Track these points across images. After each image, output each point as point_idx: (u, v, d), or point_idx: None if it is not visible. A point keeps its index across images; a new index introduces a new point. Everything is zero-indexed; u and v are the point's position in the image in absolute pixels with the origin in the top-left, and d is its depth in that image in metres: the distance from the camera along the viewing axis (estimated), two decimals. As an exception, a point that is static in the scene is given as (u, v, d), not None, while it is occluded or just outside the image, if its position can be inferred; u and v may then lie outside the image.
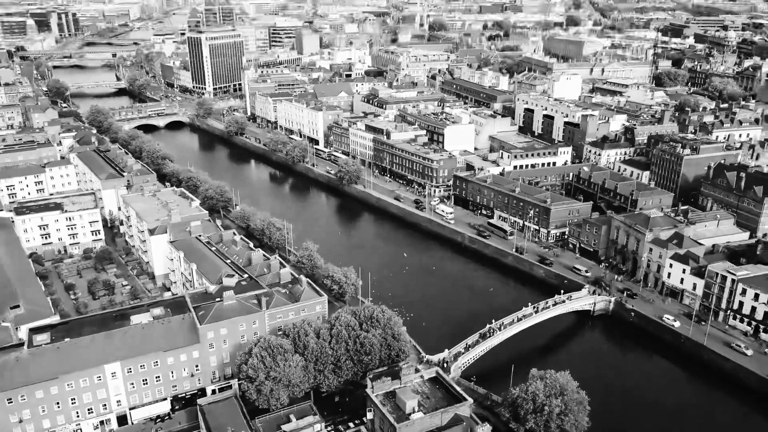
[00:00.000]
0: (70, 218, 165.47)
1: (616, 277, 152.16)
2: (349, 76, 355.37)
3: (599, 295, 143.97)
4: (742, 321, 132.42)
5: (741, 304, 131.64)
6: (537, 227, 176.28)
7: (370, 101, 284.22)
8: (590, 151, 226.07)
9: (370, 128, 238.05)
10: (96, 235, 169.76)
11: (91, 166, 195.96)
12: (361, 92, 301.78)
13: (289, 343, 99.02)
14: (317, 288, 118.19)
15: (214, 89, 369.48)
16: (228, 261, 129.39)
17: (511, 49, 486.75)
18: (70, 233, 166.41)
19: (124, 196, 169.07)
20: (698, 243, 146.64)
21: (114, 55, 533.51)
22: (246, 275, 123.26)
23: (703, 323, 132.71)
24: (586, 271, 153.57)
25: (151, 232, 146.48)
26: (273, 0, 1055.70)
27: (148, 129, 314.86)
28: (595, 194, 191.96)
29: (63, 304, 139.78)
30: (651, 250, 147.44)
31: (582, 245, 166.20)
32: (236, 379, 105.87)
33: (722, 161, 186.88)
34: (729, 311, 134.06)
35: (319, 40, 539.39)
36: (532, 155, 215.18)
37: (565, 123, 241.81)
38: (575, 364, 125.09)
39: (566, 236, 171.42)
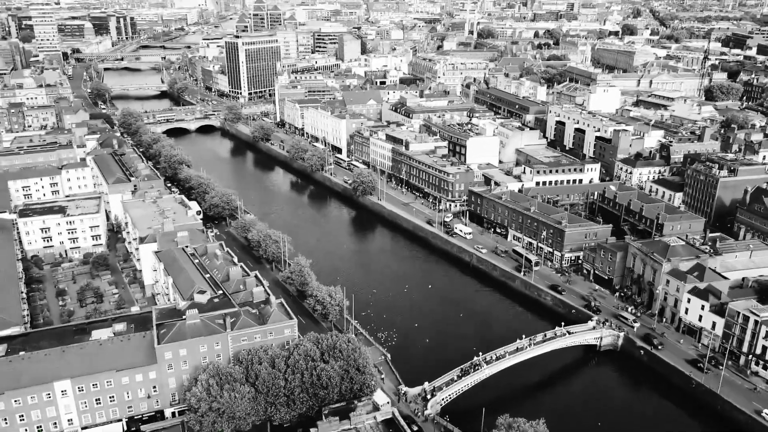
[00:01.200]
0: (71, 222, 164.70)
1: (635, 311, 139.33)
2: (383, 83, 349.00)
3: (607, 327, 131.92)
4: (765, 368, 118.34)
5: (765, 349, 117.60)
6: (551, 249, 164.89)
7: (398, 110, 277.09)
8: (621, 169, 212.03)
9: (390, 138, 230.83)
10: (97, 240, 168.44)
11: (103, 170, 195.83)
12: (391, 100, 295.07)
13: (241, 371, 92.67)
14: (288, 310, 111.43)
15: (250, 94, 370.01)
16: (207, 275, 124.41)
17: (557, 58, 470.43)
18: (70, 237, 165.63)
19: (125, 201, 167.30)
20: (722, 276, 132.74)
21: (163, 58, 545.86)
22: (221, 292, 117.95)
23: (720, 368, 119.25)
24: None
25: (141, 240, 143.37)
26: (326, 6, 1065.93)
27: (180, 132, 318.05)
28: (620, 216, 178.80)
29: (51, 310, 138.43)
30: (668, 282, 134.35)
31: (597, 272, 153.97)
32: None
33: (765, 185, 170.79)
34: (751, 356, 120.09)
35: (362, 46, 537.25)
36: (557, 171, 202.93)
37: (597, 138, 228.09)
38: (566, 406, 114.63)
39: (580, 261, 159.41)
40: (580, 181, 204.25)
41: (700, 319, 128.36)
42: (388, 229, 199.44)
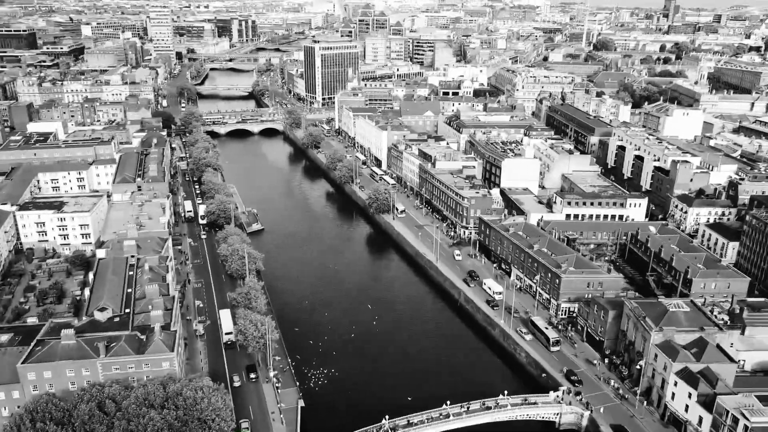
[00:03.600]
0: (62, 219, 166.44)
1: (619, 386, 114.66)
2: (456, 94, 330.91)
3: (569, 403, 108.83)
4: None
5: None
6: (548, 296, 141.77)
7: (451, 123, 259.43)
8: (677, 207, 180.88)
9: (421, 153, 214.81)
10: (86, 238, 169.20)
11: (122, 168, 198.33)
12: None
13: (64, 408, 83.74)
14: (179, 341, 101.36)
15: (323, 99, 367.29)
16: (129, 290, 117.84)
17: (670, 74, 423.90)
18: (61, 234, 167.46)
19: (113, 202, 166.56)
20: (729, 358, 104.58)
21: (267, 61, 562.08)
22: (128, 310, 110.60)
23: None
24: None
25: (99, 244, 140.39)
26: (449, 13, 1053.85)
27: (244, 134, 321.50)
28: (649, 264, 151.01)
29: (7, 307, 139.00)
30: (656, 356, 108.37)
31: (589, 330, 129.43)
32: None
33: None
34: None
35: (463, 55, 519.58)
36: (591, 204, 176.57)
37: (655, 168, 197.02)
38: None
39: (575, 315, 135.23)
40: (621, 217, 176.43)
41: (686, 410, 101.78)
42: (393, 252, 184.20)
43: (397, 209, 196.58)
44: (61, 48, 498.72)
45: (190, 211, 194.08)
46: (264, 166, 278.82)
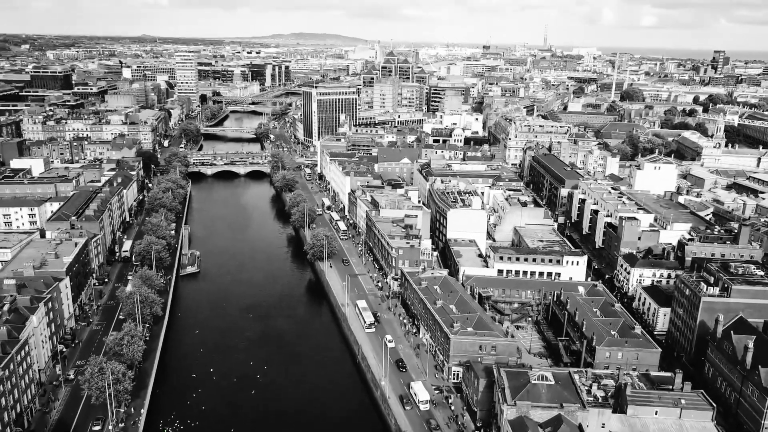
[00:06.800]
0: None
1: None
2: (446, 141, 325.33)
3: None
4: None
5: None
6: (442, 357, 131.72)
7: (422, 171, 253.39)
8: (621, 266, 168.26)
9: (373, 200, 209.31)
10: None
11: (67, 206, 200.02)
12: (434, 160, 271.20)
13: None
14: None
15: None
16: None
17: (685, 126, 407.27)
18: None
19: (32, 239, 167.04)
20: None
21: (290, 105, 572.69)
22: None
23: None
24: None
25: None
26: (489, 62, 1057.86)
27: (231, 176, 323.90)
28: (563, 327, 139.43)
29: None
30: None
31: (468, 398, 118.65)
32: None
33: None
34: None
35: (482, 102, 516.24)
36: (526, 260, 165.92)
37: (607, 224, 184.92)
38: None
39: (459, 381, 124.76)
40: (558, 275, 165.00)
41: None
42: (315, 303, 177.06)
43: (346, 259, 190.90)
44: (90, 89, 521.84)
45: (126, 251, 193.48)
46: (237, 207, 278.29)
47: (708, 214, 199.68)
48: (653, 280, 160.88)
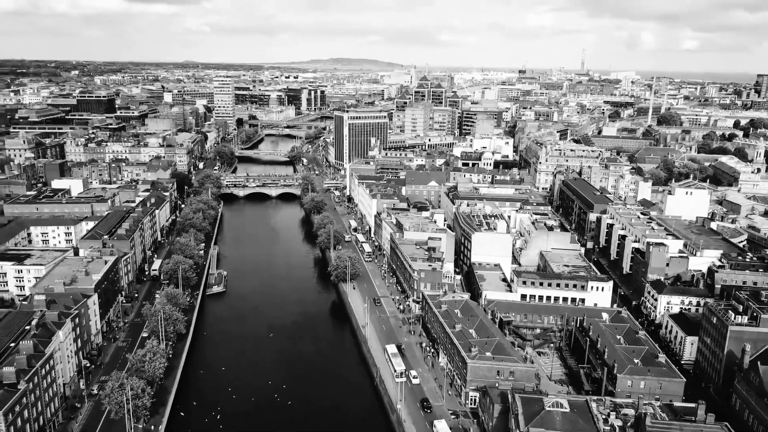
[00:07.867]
0: (19, 271, 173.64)
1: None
2: (475, 164, 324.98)
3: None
4: None
5: None
6: (460, 383, 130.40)
7: (449, 194, 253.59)
8: (649, 293, 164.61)
9: (398, 223, 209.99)
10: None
11: (101, 225, 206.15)
12: (462, 183, 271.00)
13: None
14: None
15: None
16: (13, 344, 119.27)
17: (724, 151, 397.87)
18: (17, 285, 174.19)
19: (65, 257, 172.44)
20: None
21: (324, 128, 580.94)
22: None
23: None
24: None
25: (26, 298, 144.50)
26: (524, 86, 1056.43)
27: (263, 197, 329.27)
28: (585, 354, 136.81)
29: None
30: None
31: (484, 424, 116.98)
32: None
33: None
34: None
35: (514, 125, 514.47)
36: (549, 284, 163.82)
37: (634, 250, 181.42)
38: None
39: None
40: (583, 301, 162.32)
41: None
42: (338, 326, 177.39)
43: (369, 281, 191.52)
44: (132, 112, 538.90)
45: (156, 270, 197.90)
46: (267, 229, 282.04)
47: (742, 241, 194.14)
48: (681, 308, 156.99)
